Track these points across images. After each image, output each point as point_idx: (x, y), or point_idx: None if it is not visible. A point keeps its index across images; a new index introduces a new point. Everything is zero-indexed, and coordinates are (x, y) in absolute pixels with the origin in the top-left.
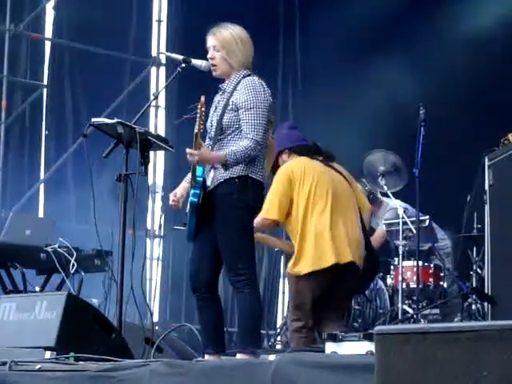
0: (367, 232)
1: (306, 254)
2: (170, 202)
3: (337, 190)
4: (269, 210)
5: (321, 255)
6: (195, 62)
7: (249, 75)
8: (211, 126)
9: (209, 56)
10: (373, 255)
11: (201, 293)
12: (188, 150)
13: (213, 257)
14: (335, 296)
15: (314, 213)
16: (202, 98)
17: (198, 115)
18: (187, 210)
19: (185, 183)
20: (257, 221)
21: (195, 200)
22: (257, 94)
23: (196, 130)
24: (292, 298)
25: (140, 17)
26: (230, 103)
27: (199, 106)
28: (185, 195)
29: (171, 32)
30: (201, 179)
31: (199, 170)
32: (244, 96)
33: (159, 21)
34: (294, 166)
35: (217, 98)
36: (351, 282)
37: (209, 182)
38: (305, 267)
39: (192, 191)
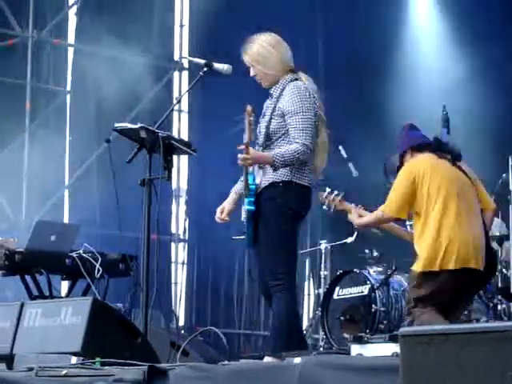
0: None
1: (422, 253)
2: (216, 218)
3: (463, 192)
4: (388, 206)
5: (436, 257)
6: (217, 66)
7: (295, 79)
8: (259, 132)
9: (251, 74)
10: (491, 254)
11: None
12: (240, 156)
13: None
14: (452, 299)
15: (436, 214)
16: (249, 108)
17: (247, 125)
18: (243, 218)
19: (233, 194)
20: (376, 215)
21: (252, 208)
22: (302, 99)
23: (246, 140)
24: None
25: (162, 21)
26: (277, 109)
27: (246, 116)
28: (234, 208)
29: (194, 36)
30: (253, 186)
31: (250, 178)
32: (290, 102)
33: (182, 25)
34: (420, 163)
35: (266, 103)
36: (467, 287)
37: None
38: (420, 266)
39: (247, 200)
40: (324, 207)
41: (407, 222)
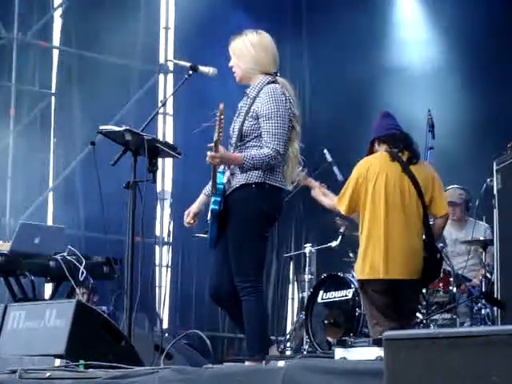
0: (433, 236)
1: (362, 258)
2: (185, 223)
3: (402, 202)
4: (340, 201)
5: (371, 265)
6: (202, 69)
7: (272, 82)
8: (233, 131)
9: (229, 65)
10: (435, 259)
11: (224, 304)
12: (209, 154)
13: (231, 267)
14: (397, 306)
15: (375, 219)
16: (221, 106)
17: (217, 123)
18: (208, 218)
19: (203, 196)
20: (331, 204)
21: (216, 207)
22: (278, 103)
23: (215, 138)
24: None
25: (148, 24)
26: (251, 110)
27: (218, 114)
28: (202, 209)
29: (179, 39)
30: (221, 186)
31: (219, 178)
32: (265, 105)
33: (167, 28)
34: (372, 164)
35: (241, 103)
36: (403, 295)
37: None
38: (363, 273)
39: (213, 199)
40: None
41: None
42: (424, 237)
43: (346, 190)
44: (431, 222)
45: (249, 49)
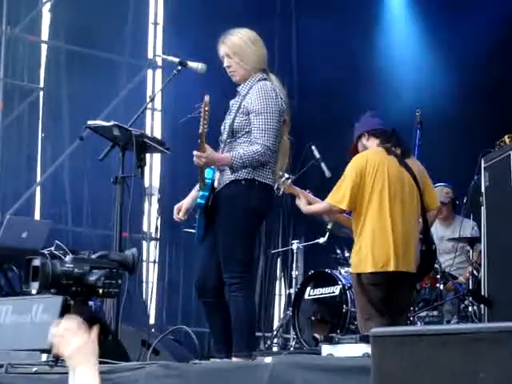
0: (429, 229)
1: (364, 252)
2: (174, 217)
3: (403, 194)
4: (338, 198)
5: (376, 257)
6: (191, 64)
7: (264, 79)
8: (224, 128)
9: (225, 65)
10: (431, 251)
11: (207, 298)
12: (195, 153)
13: (218, 262)
14: (391, 301)
15: (379, 212)
16: (206, 98)
17: (202, 115)
18: (197, 213)
19: (194, 191)
20: (323, 206)
21: (202, 202)
22: (268, 99)
23: (200, 130)
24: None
25: (136, 19)
26: (242, 106)
27: (203, 106)
28: (193, 205)
29: (168, 34)
30: (209, 181)
31: (209, 173)
32: (255, 101)
33: (155, 23)
34: (370, 158)
35: (232, 101)
36: (401, 289)
37: (216, 184)
38: (366, 266)
39: (200, 193)
40: (275, 188)
41: None
42: (421, 228)
43: (346, 185)
44: None
45: (250, 46)
